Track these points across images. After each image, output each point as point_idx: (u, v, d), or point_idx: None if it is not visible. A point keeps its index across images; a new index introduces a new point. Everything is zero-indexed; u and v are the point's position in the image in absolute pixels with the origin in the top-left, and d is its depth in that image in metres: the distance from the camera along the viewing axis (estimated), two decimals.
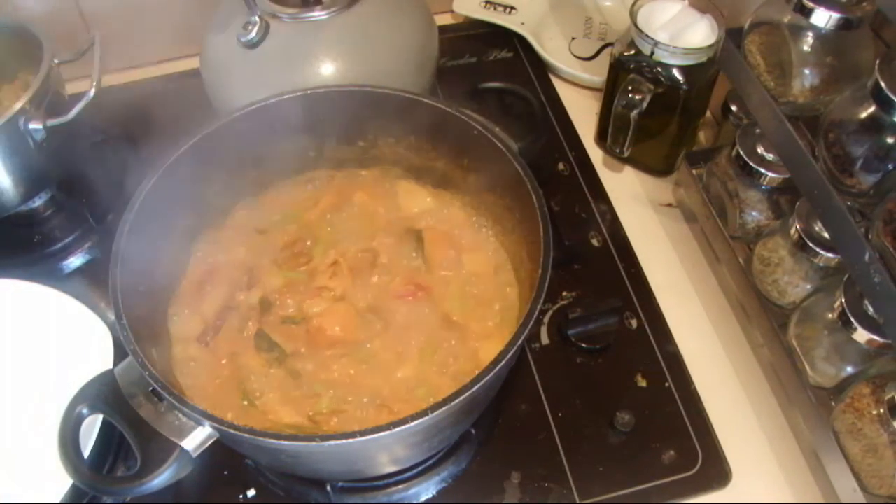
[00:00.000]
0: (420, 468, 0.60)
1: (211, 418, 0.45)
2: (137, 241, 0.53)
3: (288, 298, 0.60)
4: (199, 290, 0.60)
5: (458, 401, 0.45)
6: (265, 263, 0.62)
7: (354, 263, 0.62)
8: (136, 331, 0.49)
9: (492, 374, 0.46)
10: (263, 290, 0.60)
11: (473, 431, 0.61)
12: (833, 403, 0.57)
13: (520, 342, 0.48)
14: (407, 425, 0.44)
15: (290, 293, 0.60)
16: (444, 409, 0.44)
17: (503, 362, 0.47)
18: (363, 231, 0.64)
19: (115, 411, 0.48)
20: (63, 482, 0.54)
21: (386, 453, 0.53)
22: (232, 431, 0.44)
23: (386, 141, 0.65)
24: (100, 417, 0.55)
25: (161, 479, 0.45)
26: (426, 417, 0.44)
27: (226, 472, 0.60)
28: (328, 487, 0.58)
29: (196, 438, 0.46)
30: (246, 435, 0.44)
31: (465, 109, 0.60)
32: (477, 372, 0.46)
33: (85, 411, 0.48)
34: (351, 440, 0.44)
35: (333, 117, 0.63)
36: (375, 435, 0.43)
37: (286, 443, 0.44)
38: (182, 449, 0.46)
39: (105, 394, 0.48)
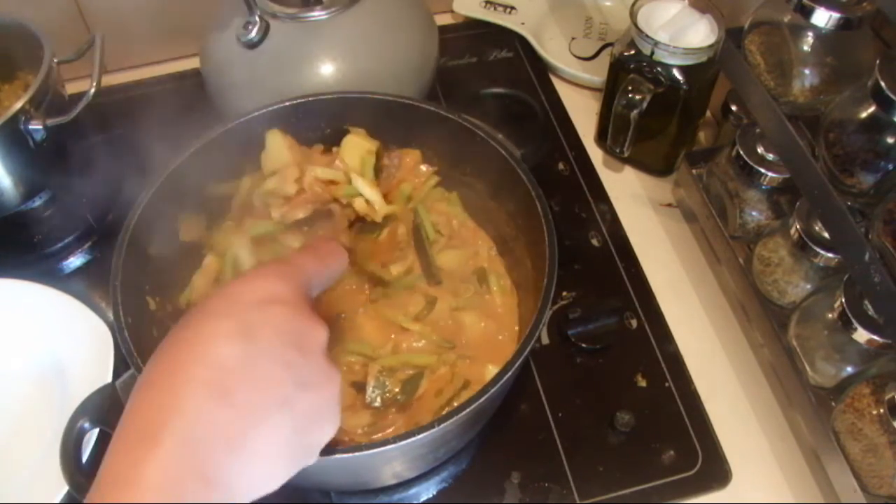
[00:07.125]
0: None
1: None
2: (137, 254, 0.53)
3: None
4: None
5: (464, 413, 0.45)
6: None
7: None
8: (139, 344, 0.48)
9: (498, 385, 0.46)
10: None
11: None
12: (833, 403, 0.57)
13: (525, 353, 0.48)
14: (413, 438, 0.44)
15: None
16: (450, 421, 0.44)
17: (509, 374, 0.47)
18: None
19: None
20: (60, 485, 0.53)
21: (391, 466, 0.53)
22: None
23: (389, 148, 0.65)
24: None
25: None
26: (433, 430, 0.44)
27: None
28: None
29: None
30: None
31: (466, 116, 0.60)
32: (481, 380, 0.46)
33: (87, 425, 0.47)
34: (357, 454, 0.44)
35: (336, 124, 0.63)
36: (381, 448, 0.44)
37: None
38: None
39: (107, 406, 0.48)
